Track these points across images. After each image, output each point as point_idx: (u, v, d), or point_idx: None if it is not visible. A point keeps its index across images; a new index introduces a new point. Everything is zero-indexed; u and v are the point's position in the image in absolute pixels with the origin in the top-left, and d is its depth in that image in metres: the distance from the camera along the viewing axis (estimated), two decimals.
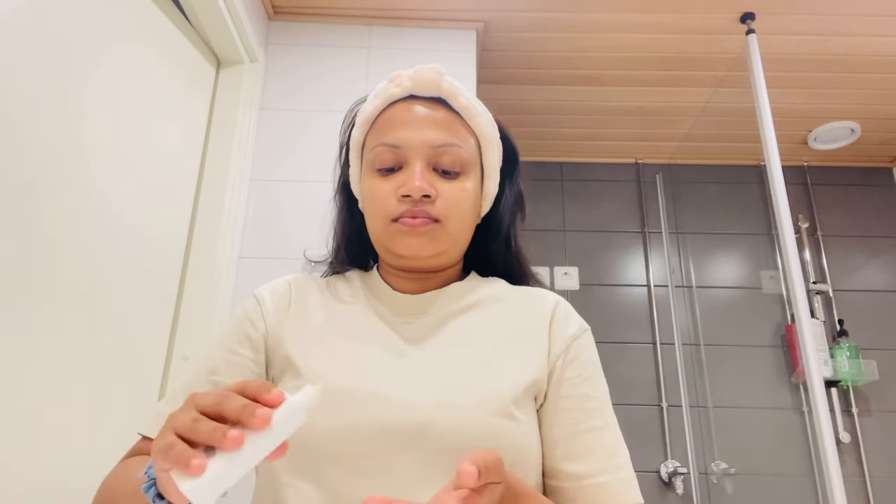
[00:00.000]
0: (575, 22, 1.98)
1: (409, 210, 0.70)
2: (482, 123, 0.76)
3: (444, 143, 0.72)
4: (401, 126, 0.72)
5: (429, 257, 0.72)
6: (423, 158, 0.71)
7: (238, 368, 0.70)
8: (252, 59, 1.81)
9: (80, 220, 1.16)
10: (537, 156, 2.74)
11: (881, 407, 2.37)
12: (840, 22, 1.94)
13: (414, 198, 0.69)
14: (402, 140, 0.71)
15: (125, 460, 0.69)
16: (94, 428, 1.18)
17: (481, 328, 0.73)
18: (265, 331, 0.73)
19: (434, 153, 0.72)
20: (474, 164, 0.75)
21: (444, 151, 0.72)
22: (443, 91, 0.74)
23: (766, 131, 1.79)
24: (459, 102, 0.75)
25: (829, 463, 1.45)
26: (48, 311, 1.07)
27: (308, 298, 0.77)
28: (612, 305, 2.55)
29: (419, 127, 0.72)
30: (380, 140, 0.73)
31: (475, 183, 0.75)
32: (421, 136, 0.71)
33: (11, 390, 0.98)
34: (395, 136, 0.72)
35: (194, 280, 1.56)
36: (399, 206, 0.70)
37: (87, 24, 1.20)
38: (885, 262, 2.58)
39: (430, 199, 0.70)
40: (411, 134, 0.72)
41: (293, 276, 0.80)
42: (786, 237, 1.65)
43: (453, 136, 0.73)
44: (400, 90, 0.74)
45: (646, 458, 2.33)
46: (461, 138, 0.74)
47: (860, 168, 2.72)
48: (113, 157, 1.27)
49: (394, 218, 0.71)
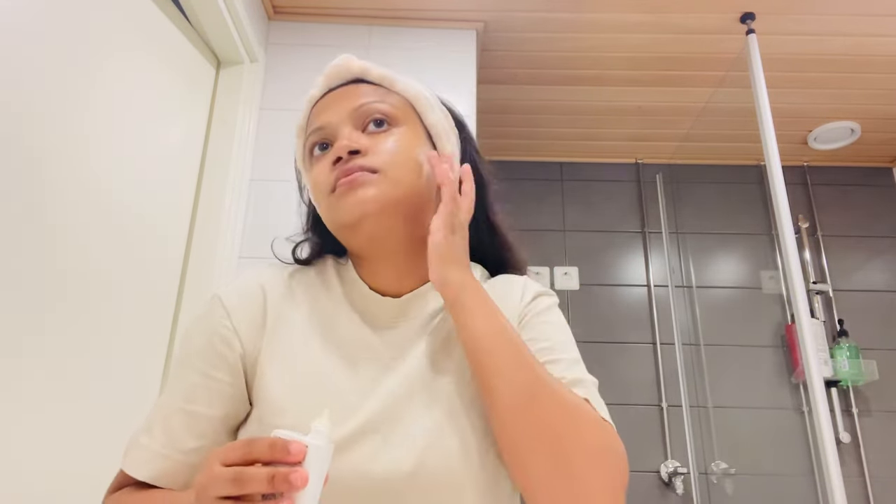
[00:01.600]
0: (575, 22, 1.98)
1: (342, 171, 0.67)
2: (407, 86, 0.75)
3: (362, 104, 0.71)
4: (320, 113, 0.73)
5: (377, 211, 0.66)
6: (348, 124, 0.70)
7: (216, 396, 0.65)
8: (252, 60, 1.81)
9: (80, 220, 1.16)
10: (537, 156, 2.74)
11: (881, 407, 2.37)
12: (840, 22, 1.94)
13: (343, 157, 0.68)
14: (324, 120, 0.72)
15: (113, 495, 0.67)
16: (94, 428, 1.18)
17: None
18: (241, 352, 0.67)
19: (356, 115, 0.71)
20: (406, 120, 0.73)
21: (365, 110, 0.71)
22: (354, 72, 0.75)
23: (766, 131, 1.79)
24: (374, 74, 0.75)
25: (829, 463, 1.45)
26: (49, 311, 1.07)
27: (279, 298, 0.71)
28: (612, 305, 2.55)
29: (337, 103, 0.73)
30: (307, 133, 0.74)
31: (412, 136, 0.72)
32: (339, 108, 0.72)
33: (11, 390, 0.98)
34: (317, 120, 0.73)
35: (194, 280, 1.56)
36: (332, 173, 0.68)
37: (87, 25, 1.20)
38: (885, 262, 2.58)
39: (360, 154, 0.68)
40: (331, 112, 0.72)
41: (260, 274, 0.73)
42: (786, 237, 1.65)
43: (370, 96, 0.72)
44: (318, 90, 0.76)
45: (646, 458, 2.33)
46: (381, 96, 0.73)
47: (860, 168, 2.72)
48: (113, 157, 1.27)
49: (332, 189, 0.68)
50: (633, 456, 2.42)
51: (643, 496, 2.29)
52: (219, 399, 0.66)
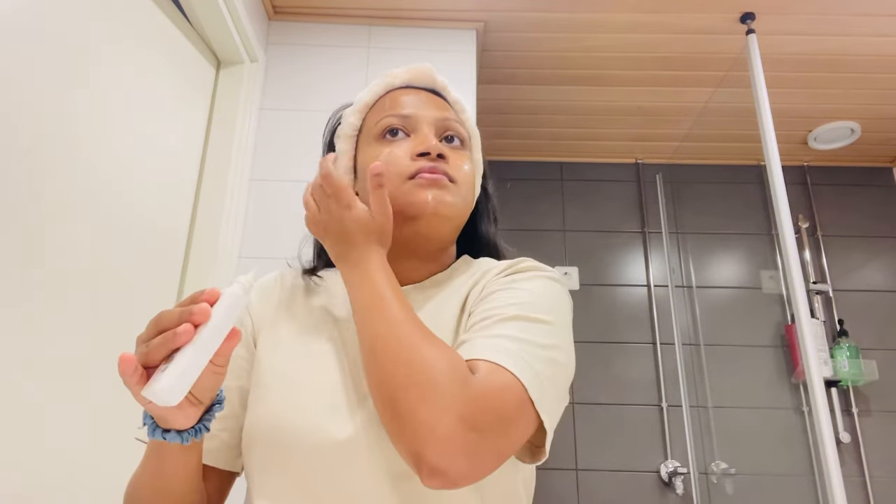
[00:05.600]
0: (575, 22, 1.98)
1: (427, 166, 0.70)
2: (469, 119, 0.81)
3: (447, 117, 0.76)
4: (405, 103, 0.75)
5: (446, 216, 0.70)
6: (432, 128, 0.74)
7: (233, 370, 0.70)
8: (252, 59, 1.81)
9: (80, 220, 1.16)
10: (537, 156, 2.75)
11: (881, 407, 2.37)
12: (840, 22, 1.94)
13: (432, 154, 0.70)
14: (410, 110, 0.74)
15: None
16: (93, 428, 1.18)
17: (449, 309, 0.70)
18: (252, 329, 0.74)
19: (441, 125, 0.75)
20: (470, 148, 0.78)
21: (449, 125, 0.75)
22: (437, 84, 0.79)
23: (766, 131, 1.79)
24: (451, 96, 0.80)
25: (829, 463, 1.45)
26: (49, 311, 1.07)
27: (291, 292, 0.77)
28: (612, 305, 2.55)
29: (424, 103, 0.76)
30: (386, 113, 0.75)
31: (474, 165, 0.78)
32: (426, 109, 0.75)
33: (11, 390, 0.98)
34: (402, 108, 0.75)
35: (194, 280, 1.57)
36: (415, 163, 0.70)
37: (87, 24, 1.20)
38: (885, 262, 2.58)
39: (444, 160, 0.71)
40: (418, 108, 0.75)
41: (287, 270, 0.81)
42: (786, 237, 1.65)
43: (452, 114, 0.77)
44: (398, 81, 0.78)
45: (646, 458, 2.33)
46: (456, 117, 0.78)
47: (860, 168, 2.72)
48: (113, 158, 1.27)
49: (411, 175, 0.70)
50: (634, 456, 2.44)
51: (643, 496, 2.29)
52: (235, 371, 0.71)
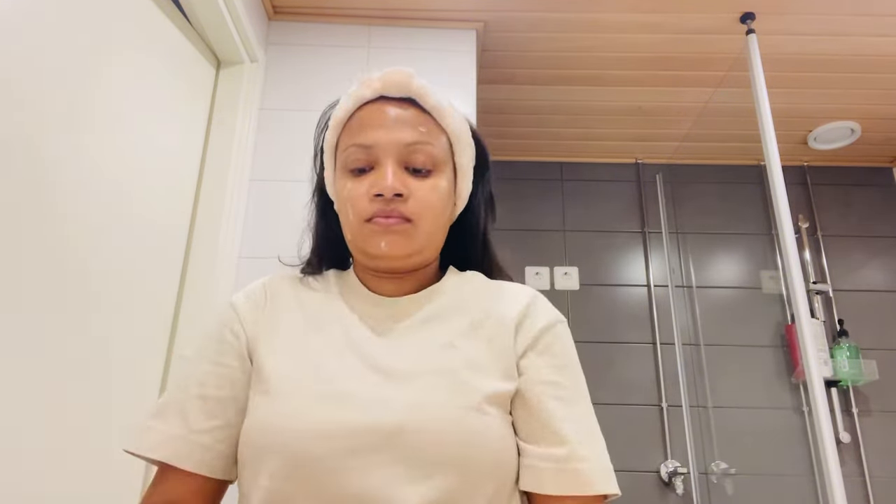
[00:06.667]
0: (575, 22, 1.98)
1: (382, 209, 0.70)
2: (453, 123, 0.77)
3: (415, 142, 0.72)
4: (372, 126, 0.73)
5: (403, 257, 0.72)
6: (395, 157, 0.72)
7: (226, 380, 0.71)
8: (252, 60, 1.81)
9: (79, 220, 1.16)
10: (537, 156, 2.74)
11: (881, 407, 2.37)
12: (840, 22, 1.94)
13: (386, 196, 0.70)
14: (373, 140, 0.72)
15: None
16: (93, 428, 1.18)
17: (454, 329, 0.72)
18: (245, 339, 0.74)
19: (405, 151, 0.72)
20: (446, 163, 0.76)
21: (416, 150, 0.72)
22: (413, 91, 0.75)
23: (766, 131, 1.79)
24: (429, 102, 0.75)
25: (829, 463, 1.45)
26: (49, 311, 1.07)
27: (280, 297, 0.77)
28: (612, 305, 2.55)
29: (390, 126, 0.73)
30: (352, 141, 0.73)
31: (448, 182, 0.76)
32: (392, 135, 0.72)
33: (11, 390, 0.98)
34: (366, 136, 0.72)
35: (194, 280, 1.56)
36: (371, 205, 0.70)
37: (87, 24, 1.20)
38: (885, 262, 2.58)
39: (402, 199, 0.70)
40: (382, 133, 0.72)
41: (268, 278, 0.80)
42: (786, 237, 1.65)
43: (424, 135, 0.73)
44: (370, 91, 0.75)
45: (646, 458, 2.33)
46: (432, 136, 0.74)
47: (860, 168, 2.72)
48: (112, 158, 1.27)
49: (367, 218, 0.71)
50: (634, 456, 2.44)
51: (643, 496, 2.29)
52: (228, 382, 0.71)
